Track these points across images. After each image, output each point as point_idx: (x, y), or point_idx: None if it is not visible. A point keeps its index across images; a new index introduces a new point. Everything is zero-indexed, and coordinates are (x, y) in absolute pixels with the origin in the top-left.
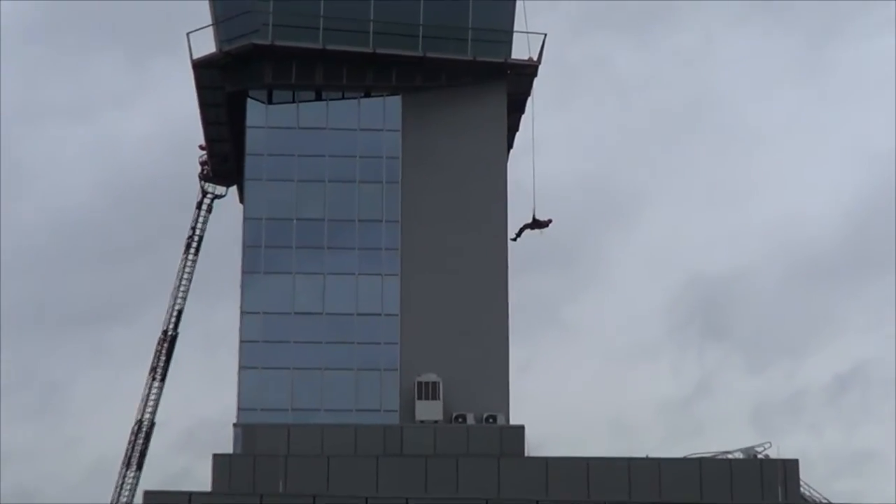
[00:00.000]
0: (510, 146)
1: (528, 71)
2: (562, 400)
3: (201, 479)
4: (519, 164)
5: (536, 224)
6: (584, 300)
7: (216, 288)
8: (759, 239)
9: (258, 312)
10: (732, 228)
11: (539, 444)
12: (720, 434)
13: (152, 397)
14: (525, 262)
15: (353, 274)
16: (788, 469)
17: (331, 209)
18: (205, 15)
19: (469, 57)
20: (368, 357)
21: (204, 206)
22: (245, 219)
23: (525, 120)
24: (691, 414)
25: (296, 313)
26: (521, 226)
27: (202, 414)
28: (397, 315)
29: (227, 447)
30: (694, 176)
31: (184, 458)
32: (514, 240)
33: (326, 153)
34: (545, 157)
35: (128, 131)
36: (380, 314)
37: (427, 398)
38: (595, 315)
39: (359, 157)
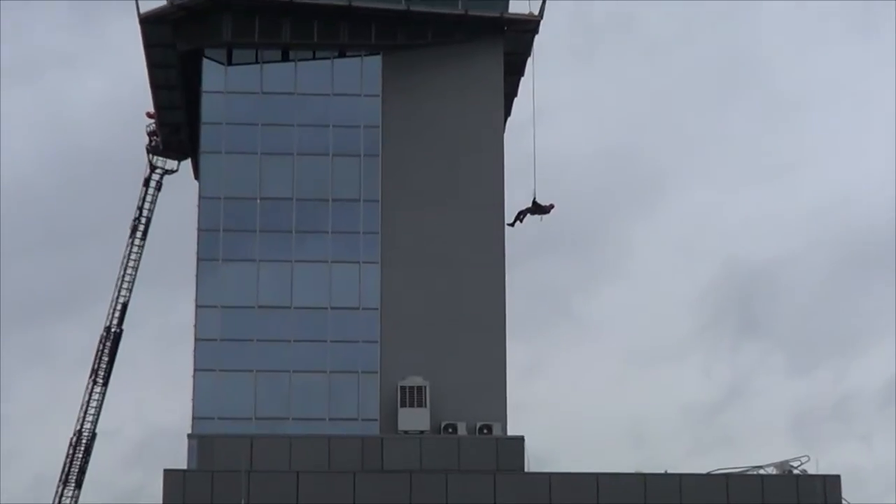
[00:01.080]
0: (508, 114)
1: (527, 27)
2: (572, 406)
3: (156, 497)
4: (520, 137)
5: (537, 209)
6: (601, 292)
7: (169, 278)
8: (804, 222)
9: (215, 306)
10: (774, 209)
11: (542, 457)
12: (753, 446)
13: (93, 404)
14: (531, 248)
15: (326, 262)
16: (829, 486)
17: (300, 187)
18: None
19: (460, 11)
20: (344, 358)
21: (152, 184)
22: (200, 198)
23: (525, 85)
24: (721, 422)
25: (259, 307)
26: (520, 210)
27: (157, 423)
28: (377, 309)
29: (183, 461)
30: (730, 148)
31: (136, 474)
32: (512, 225)
33: (295, 122)
34: (557, 127)
35: (75, 96)
36: (357, 308)
37: (412, 405)
38: (613, 309)
39: (332, 126)
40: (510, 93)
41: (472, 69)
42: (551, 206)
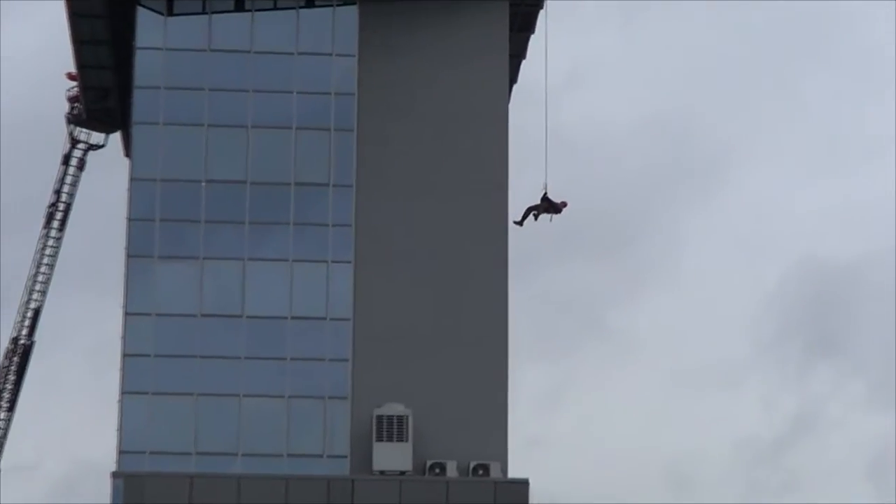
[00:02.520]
0: (514, 81)
1: None
2: (602, 441)
3: None
4: (535, 109)
5: (547, 206)
6: (641, 302)
7: (94, 279)
8: (894, 215)
9: (148, 314)
10: (859, 199)
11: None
12: (823, 490)
13: None
14: (554, 248)
15: (287, 260)
16: None
17: (256, 168)
18: None
19: None
20: (307, 379)
21: (73, 161)
22: (132, 180)
23: (537, 44)
24: (785, 463)
25: (203, 316)
26: (529, 207)
27: (81, 457)
28: (349, 320)
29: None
30: (807, 123)
31: None
32: (520, 224)
33: (250, 87)
34: (586, 95)
35: None
36: (324, 318)
37: (390, 439)
38: (655, 323)
39: (296, 93)
40: (518, 54)
41: (470, 24)
42: (564, 205)
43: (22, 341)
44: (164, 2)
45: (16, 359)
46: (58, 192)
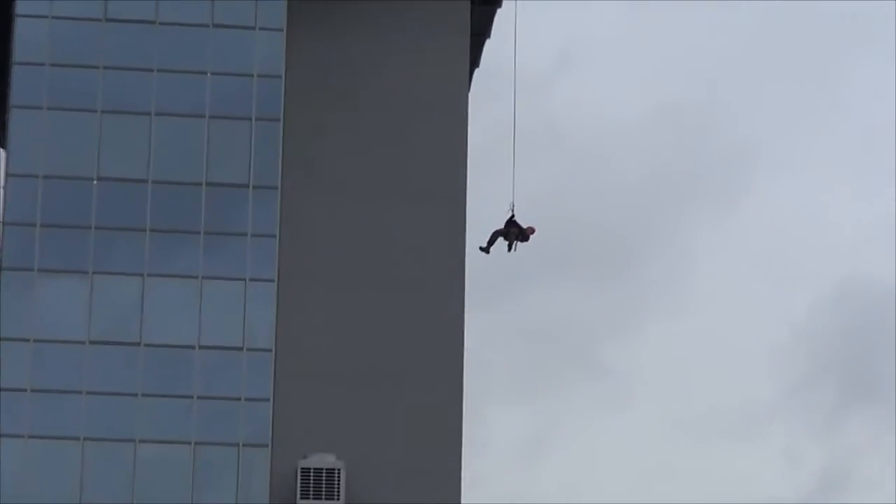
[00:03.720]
0: (476, 64)
1: None
2: (593, 498)
3: None
4: (503, 100)
5: (513, 230)
6: (642, 334)
7: None
8: None
9: (26, 340)
10: None
11: None
12: None
13: None
14: (539, 268)
15: (196, 277)
16: None
17: (160, 164)
18: None
19: None
20: (218, 422)
21: None
22: (8, 175)
23: (505, 19)
24: None
25: (93, 343)
26: (494, 232)
27: None
28: (270, 351)
29: None
30: (844, 121)
31: None
32: (486, 251)
33: (154, 65)
34: (578, 83)
35: None
36: (240, 349)
37: (318, 496)
38: (658, 358)
39: (211, 74)
40: (481, 31)
41: None
42: (531, 231)
43: None
44: None
45: None
46: None
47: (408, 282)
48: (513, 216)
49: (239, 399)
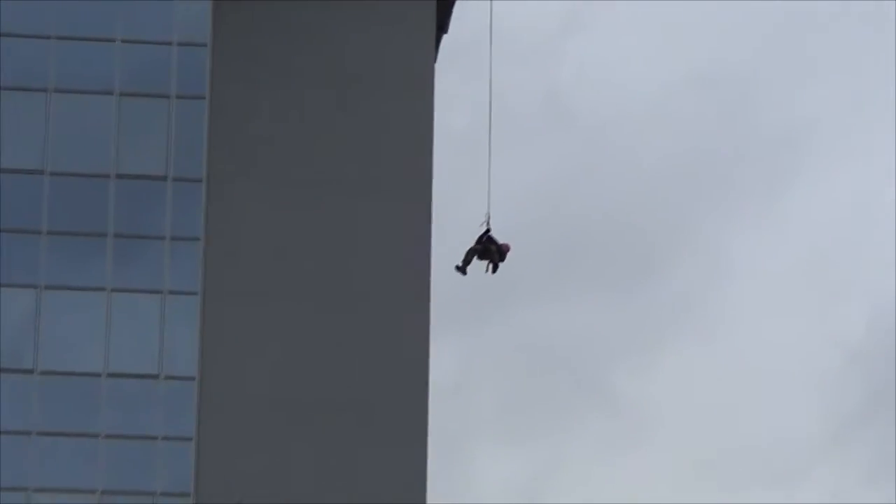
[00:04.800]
0: (443, 30)
1: None
2: None
3: None
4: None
5: (491, 247)
6: (659, 358)
7: None
8: None
9: None
10: None
11: None
12: None
13: None
14: (537, 277)
15: (103, 289)
16: None
17: (58, 151)
18: None
19: None
20: (131, 467)
21: None
22: None
23: None
24: None
25: None
26: (469, 249)
27: None
28: (194, 379)
29: None
30: None
31: None
32: (462, 271)
33: (52, 32)
34: (591, 50)
35: None
36: (156, 377)
37: None
38: (678, 388)
39: (121, 41)
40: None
41: None
42: (506, 249)
43: None
44: None
45: None
46: None
47: (362, 295)
48: (488, 230)
49: (155, 438)
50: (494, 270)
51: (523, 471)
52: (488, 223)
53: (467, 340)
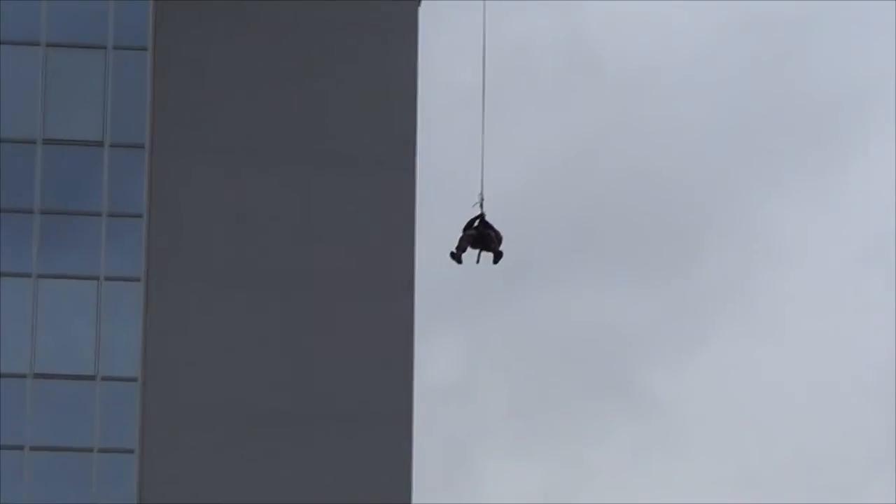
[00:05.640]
0: None
1: None
2: None
3: None
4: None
5: (489, 232)
6: (699, 354)
7: None
8: None
9: None
10: None
11: None
12: None
13: None
14: (557, 260)
15: (29, 275)
16: None
17: None
18: None
19: None
20: (64, 483)
21: None
22: None
23: None
24: None
25: None
26: (463, 235)
27: None
28: (136, 381)
29: None
30: None
31: None
32: (456, 259)
33: None
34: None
35: None
36: (93, 377)
37: None
38: (722, 388)
39: None
40: None
41: None
42: (497, 239)
43: None
44: None
45: None
46: None
47: (334, 283)
48: (482, 215)
49: (90, 451)
50: (496, 260)
51: (539, 484)
52: (482, 205)
53: (473, 334)
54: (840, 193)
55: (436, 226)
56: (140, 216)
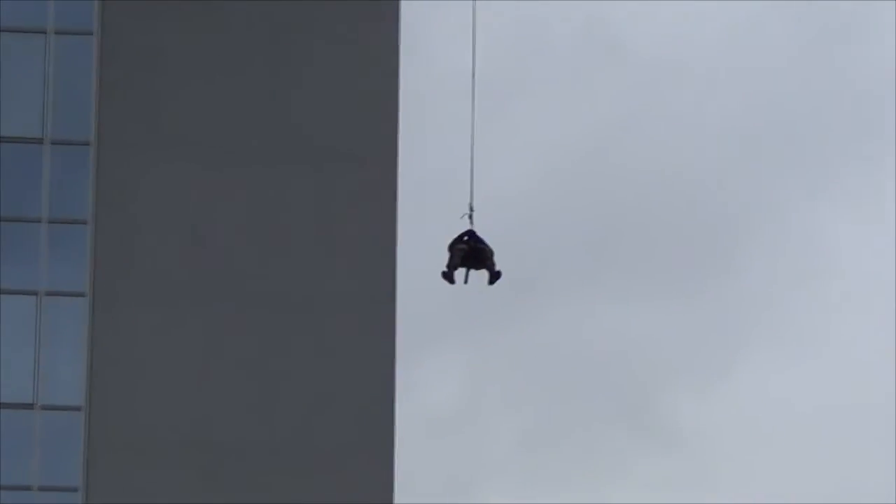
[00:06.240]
0: None
1: None
2: None
3: None
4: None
5: (477, 247)
6: (731, 378)
7: None
8: None
9: None
10: None
11: None
12: None
13: None
14: (561, 272)
15: None
16: None
17: None
18: None
19: None
20: None
21: None
22: None
23: None
24: None
25: None
26: (452, 247)
27: None
28: (81, 410)
29: None
30: None
31: None
32: (448, 279)
33: None
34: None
35: None
36: (31, 406)
37: None
38: (757, 418)
39: None
40: None
41: None
42: (488, 253)
43: None
44: None
45: None
46: None
47: (304, 298)
48: (471, 230)
49: (30, 489)
50: (493, 279)
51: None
52: (471, 212)
53: (474, 357)
54: (892, 196)
55: (428, 233)
56: (85, 222)
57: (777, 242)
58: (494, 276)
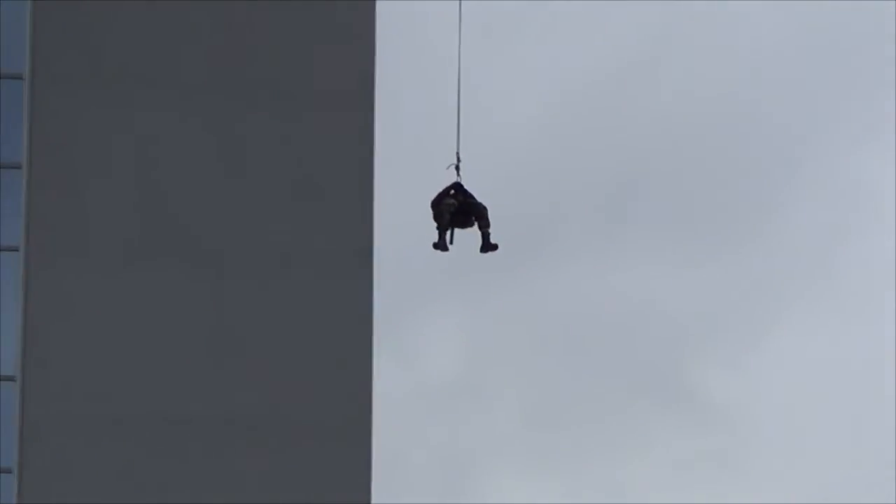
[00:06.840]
0: None
1: None
2: None
3: None
4: None
5: (467, 201)
6: (767, 347)
7: None
8: None
9: None
10: None
11: None
12: None
13: None
14: (575, 226)
15: None
16: None
17: None
18: None
19: None
20: None
21: None
22: None
23: None
24: None
25: None
26: (437, 202)
27: None
28: (14, 380)
29: None
30: None
31: None
32: (440, 247)
33: None
34: None
35: None
36: None
37: None
38: (795, 389)
39: None
40: None
41: None
42: (481, 210)
43: None
44: None
45: None
46: None
47: (269, 256)
48: (459, 182)
49: None
50: (486, 246)
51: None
52: (458, 162)
53: (473, 319)
54: None
55: (417, 181)
56: (19, 167)
57: (824, 190)
58: (488, 246)
